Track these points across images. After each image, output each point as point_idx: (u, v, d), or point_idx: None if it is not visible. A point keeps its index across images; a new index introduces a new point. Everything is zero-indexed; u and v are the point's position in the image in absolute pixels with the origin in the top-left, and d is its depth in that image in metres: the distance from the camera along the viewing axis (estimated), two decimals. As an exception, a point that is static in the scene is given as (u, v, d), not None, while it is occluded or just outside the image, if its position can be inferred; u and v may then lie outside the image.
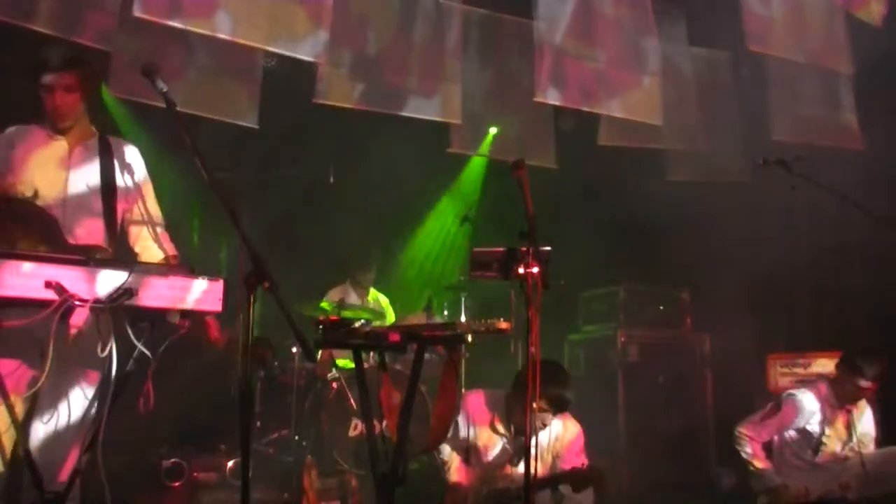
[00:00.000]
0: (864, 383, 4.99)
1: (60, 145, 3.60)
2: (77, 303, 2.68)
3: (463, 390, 5.81)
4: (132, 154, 3.75)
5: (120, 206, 3.64)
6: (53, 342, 2.69)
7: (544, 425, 4.46)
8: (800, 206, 6.98)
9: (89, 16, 5.44)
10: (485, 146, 7.36)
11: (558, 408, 4.44)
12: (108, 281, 2.75)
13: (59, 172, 3.55)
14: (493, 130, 7.26)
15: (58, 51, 3.63)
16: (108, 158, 3.63)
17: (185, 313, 2.90)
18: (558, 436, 4.65)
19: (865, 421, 5.23)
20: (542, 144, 7.14)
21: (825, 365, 5.92)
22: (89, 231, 3.53)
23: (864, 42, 6.72)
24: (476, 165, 8.56)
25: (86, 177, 3.58)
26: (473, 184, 8.65)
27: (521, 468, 4.42)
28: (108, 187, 3.59)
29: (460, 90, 6.47)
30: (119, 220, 3.65)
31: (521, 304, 4.63)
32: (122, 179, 3.66)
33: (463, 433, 4.59)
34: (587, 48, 6.43)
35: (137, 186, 3.71)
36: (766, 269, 7.19)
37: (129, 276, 2.76)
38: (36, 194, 3.45)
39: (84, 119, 3.67)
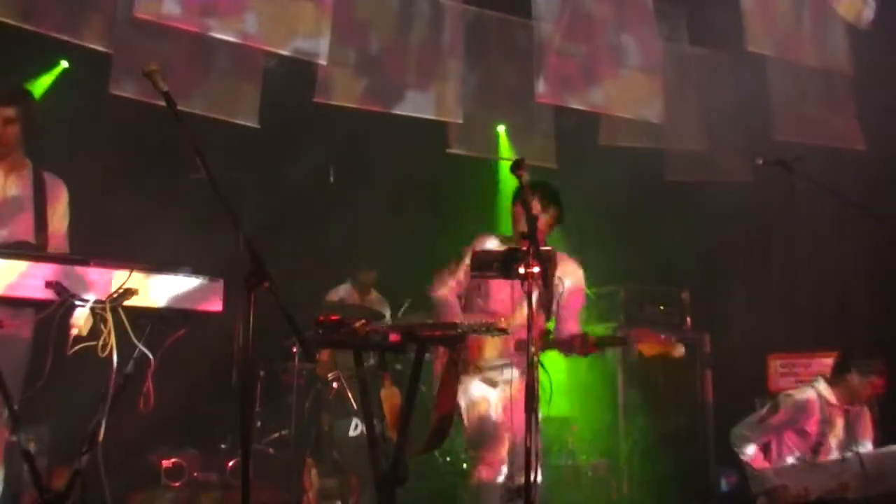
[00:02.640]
0: (875, 380, 4.99)
1: None
2: (77, 303, 2.68)
3: None
4: (59, 189, 3.89)
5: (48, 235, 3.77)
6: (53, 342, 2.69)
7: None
8: (800, 206, 6.98)
9: (89, 16, 5.44)
10: (503, 147, 7.30)
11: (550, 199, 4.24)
12: (108, 281, 2.75)
13: None
14: (501, 129, 7.22)
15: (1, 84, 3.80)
16: (40, 190, 3.78)
17: (185, 313, 2.90)
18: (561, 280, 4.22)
19: (863, 421, 5.23)
20: (542, 144, 7.14)
21: (825, 365, 5.90)
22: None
23: (864, 42, 6.73)
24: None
25: (17, 204, 3.71)
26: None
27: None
28: (39, 217, 3.73)
29: (460, 90, 6.47)
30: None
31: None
32: (49, 211, 3.79)
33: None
34: (586, 48, 6.44)
35: (57, 218, 3.83)
36: (765, 268, 7.19)
37: (129, 275, 2.76)
38: None
39: (19, 150, 3.79)
